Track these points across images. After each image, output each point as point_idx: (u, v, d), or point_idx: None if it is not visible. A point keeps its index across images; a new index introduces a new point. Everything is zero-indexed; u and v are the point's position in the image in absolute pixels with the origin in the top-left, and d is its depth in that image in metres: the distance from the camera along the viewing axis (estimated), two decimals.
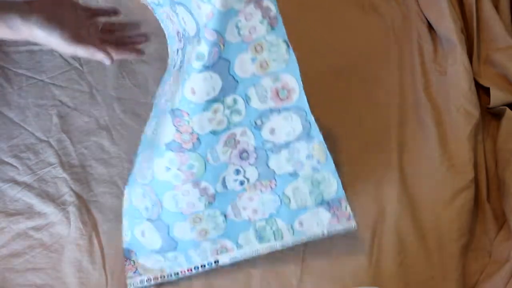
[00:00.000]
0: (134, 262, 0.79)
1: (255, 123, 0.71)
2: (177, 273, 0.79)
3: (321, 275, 0.83)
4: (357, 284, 0.81)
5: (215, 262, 0.79)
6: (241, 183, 0.75)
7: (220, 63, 0.64)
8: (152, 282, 0.78)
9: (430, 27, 1.01)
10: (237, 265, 0.83)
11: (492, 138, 0.89)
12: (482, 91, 0.93)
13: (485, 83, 0.91)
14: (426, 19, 1.00)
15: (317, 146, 0.73)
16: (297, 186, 0.76)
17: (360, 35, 0.99)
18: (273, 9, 0.65)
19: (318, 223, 0.78)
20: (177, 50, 0.74)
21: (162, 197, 0.73)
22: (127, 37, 0.77)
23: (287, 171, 0.75)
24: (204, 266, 0.79)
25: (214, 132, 0.69)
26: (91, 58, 0.68)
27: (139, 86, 0.93)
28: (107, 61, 0.69)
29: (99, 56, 0.68)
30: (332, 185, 0.76)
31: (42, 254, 0.81)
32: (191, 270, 0.79)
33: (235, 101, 0.68)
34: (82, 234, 0.82)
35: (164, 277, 0.78)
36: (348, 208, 0.77)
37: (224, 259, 0.79)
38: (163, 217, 0.75)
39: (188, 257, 0.78)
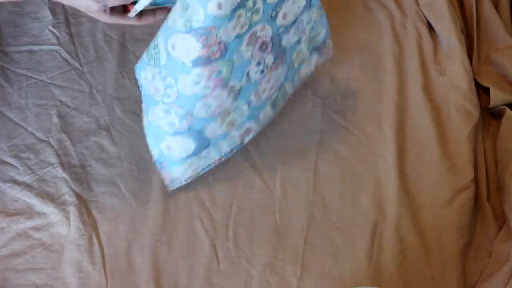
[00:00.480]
0: (167, 172, 0.83)
1: (271, 15, 0.74)
2: (209, 165, 0.85)
3: (321, 275, 0.83)
4: (357, 284, 0.81)
5: (240, 143, 0.85)
6: (262, 71, 0.79)
7: None
8: (189, 180, 0.85)
9: (430, 27, 1.01)
10: (237, 265, 0.83)
11: (492, 138, 0.89)
12: (482, 91, 0.93)
13: (485, 83, 0.91)
14: (426, 19, 1.00)
15: (316, 9, 0.80)
16: (300, 49, 0.84)
17: (359, 35, 0.99)
18: None
19: (310, 66, 0.87)
20: None
21: (193, 109, 0.76)
22: None
23: (294, 41, 0.81)
24: (232, 150, 0.86)
25: (238, 36, 0.71)
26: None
27: (139, 86, 0.93)
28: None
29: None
30: (322, 33, 0.85)
31: (42, 254, 0.81)
32: (221, 158, 0.86)
33: (254, 2, 0.71)
34: (82, 234, 0.82)
35: (198, 173, 0.85)
36: (330, 41, 0.86)
37: (248, 139, 0.87)
38: (195, 126, 0.78)
39: (219, 149, 0.84)
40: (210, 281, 0.82)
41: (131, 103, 0.92)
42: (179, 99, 0.74)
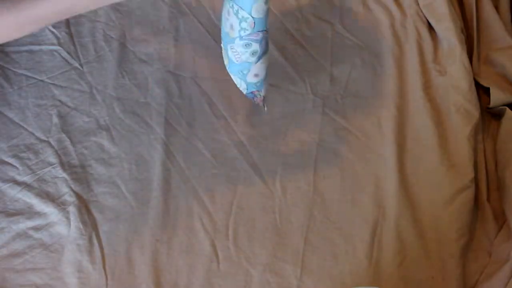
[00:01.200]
0: (260, 95, 0.83)
1: None
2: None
3: (321, 275, 0.83)
4: (357, 284, 0.81)
5: None
6: None
7: None
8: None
9: (430, 27, 1.01)
10: (237, 265, 0.83)
11: (492, 138, 0.89)
12: (482, 91, 0.93)
13: (485, 83, 0.91)
14: (426, 19, 1.00)
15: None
16: None
17: (359, 35, 0.99)
18: None
19: None
20: None
21: (267, 24, 0.76)
22: None
23: None
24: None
25: None
26: None
27: (139, 86, 0.93)
28: None
29: None
30: None
31: (42, 254, 0.81)
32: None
33: None
34: (82, 234, 0.82)
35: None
36: None
37: None
38: (266, 35, 0.78)
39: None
40: (210, 281, 0.82)
41: (131, 103, 0.92)
42: (256, 27, 0.75)
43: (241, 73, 0.81)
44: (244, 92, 0.83)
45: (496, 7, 0.95)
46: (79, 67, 0.93)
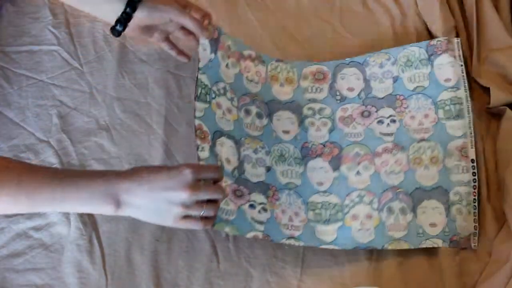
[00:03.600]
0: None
1: None
2: None
3: (321, 275, 0.83)
4: (357, 284, 0.81)
5: None
6: None
7: None
8: None
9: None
10: (237, 265, 0.83)
11: (492, 138, 0.89)
12: (482, 91, 0.93)
13: (485, 83, 0.91)
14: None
15: None
16: None
17: (360, 35, 0.99)
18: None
19: None
20: None
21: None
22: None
23: None
24: None
25: None
26: None
27: (139, 86, 0.93)
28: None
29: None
30: None
31: (42, 254, 0.81)
32: None
33: None
34: (82, 234, 0.82)
35: None
36: None
37: None
38: None
39: None
40: (210, 281, 0.82)
41: (131, 103, 0.92)
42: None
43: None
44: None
45: (496, 7, 0.95)
46: (79, 67, 0.93)
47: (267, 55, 0.93)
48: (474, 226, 0.82)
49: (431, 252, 0.83)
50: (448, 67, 0.89)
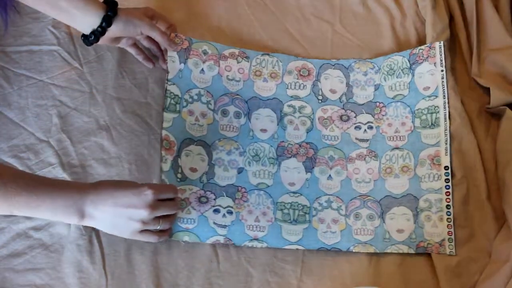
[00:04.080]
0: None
1: None
2: None
3: (321, 275, 0.83)
4: (357, 284, 0.81)
5: None
6: None
7: None
8: None
9: None
10: (237, 265, 0.83)
11: (492, 138, 0.89)
12: (482, 91, 0.93)
13: (485, 83, 0.91)
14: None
15: None
16: None
17: (360, 35, 0.99)
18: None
19: None
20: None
21: None
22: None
23: None
24: None
25: None
26: None
27: (139, 86, 0.93)
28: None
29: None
30: None
31: (42, 254, 0.81)
32: None
33: None
34: (82, 234, 0.82)
35: None
36: None
37: None
38: None
39: None
40: (210, 281, 0.82)
41: (131, 103, 0.92)
42: None
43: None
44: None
45: (496, 7, 0.95)
46: (79, 67, 0.93)
47: (253, 50, 0.94)
48: (448, 232, 0.83)
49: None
50: (427, 76, 0.91)
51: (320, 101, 0.92)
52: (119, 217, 0.75)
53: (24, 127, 0.88)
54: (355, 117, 0.91)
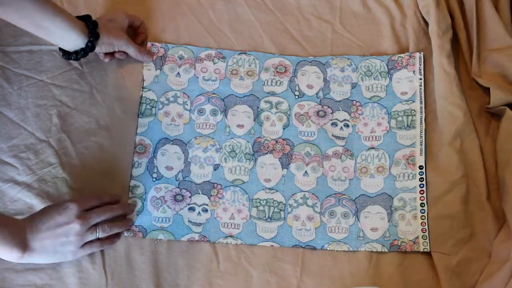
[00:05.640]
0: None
1: None
2: None
3: (321, 275, 0.83)
4: (357, 284, 0.81)
5: None
6: None
7: None
8: None
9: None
10: (237, 265, 0.83)
11: (492, 138, 0.89)
12: (482, 91, 0.93)
13: (485, 83, 0.91)
14: (425, 20, 0.99)
15: None
16: None
17: (360, 35, 0.99)
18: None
19: None
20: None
21: None
22: None
23: None
24: None
25: None
26: None
27: (139, 86, 0.93)
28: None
29: None
30: None
31: None
32: None
33: None
34: None
35: None
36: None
37: None
38: None
39: None
40: (210, 281, 0.82)
41: (131, 103, 0.92)
42: None
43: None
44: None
45: (496, 7, 0.95)
46: (79, 67, 0.93)
47: (229, 50, 0.95)
48: (422, 229, 0.83)
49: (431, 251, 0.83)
50: (405, 82, 0.92)
51: (297, 96, 0.93)
52: (56, 238, 0.75)
53: (24, 127, 0.88)
54: (331, 113, 0.91)
